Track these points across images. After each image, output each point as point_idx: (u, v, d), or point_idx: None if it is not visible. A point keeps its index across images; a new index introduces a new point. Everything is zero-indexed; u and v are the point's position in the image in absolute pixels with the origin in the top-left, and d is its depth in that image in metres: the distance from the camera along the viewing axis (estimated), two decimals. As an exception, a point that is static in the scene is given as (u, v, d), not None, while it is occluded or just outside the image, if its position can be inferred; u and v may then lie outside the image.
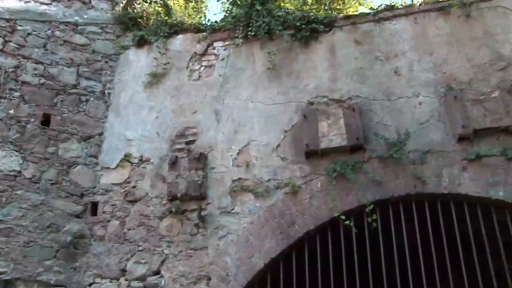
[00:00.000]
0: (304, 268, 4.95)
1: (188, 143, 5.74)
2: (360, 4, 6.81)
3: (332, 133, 5.21)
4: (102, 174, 5.81)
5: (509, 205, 4.80)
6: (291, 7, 6.54)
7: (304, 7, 6.67)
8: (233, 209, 5.28)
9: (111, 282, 5.25)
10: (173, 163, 5.55)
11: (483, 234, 4.77)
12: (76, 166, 5.71)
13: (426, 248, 4.89)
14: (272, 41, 6.07)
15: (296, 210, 5.09)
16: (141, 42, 6.59)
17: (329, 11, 6.81)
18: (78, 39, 6.40)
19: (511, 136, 4.97)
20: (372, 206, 4.92)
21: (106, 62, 6.48)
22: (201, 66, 6.23)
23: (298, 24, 6.00)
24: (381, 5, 6.10)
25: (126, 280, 5.23)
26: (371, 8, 6.20)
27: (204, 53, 6.31)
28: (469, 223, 4.81)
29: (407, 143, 5.14)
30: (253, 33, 6.09)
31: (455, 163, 4.99)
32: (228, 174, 5.45)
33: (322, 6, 7.06)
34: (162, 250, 5.26)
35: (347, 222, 4.87)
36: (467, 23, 5.71)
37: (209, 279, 5.01)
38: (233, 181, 5.40)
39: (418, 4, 6.19)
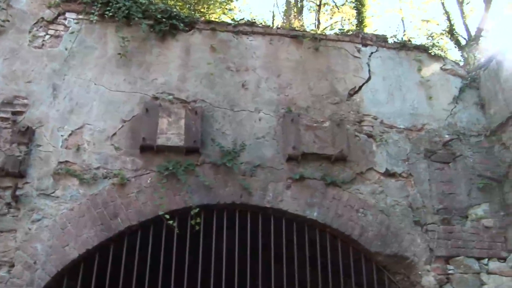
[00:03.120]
0: (121, 262, 4.82)
1: (15, 113, 5.18)
2: (223, 13, 6.95)
3: (170, 131, 5.19)
4: None
5: (320, 224, 5.30)
6: (156, -3, 6.41)
7: (168, 1, 6.57)
8: (53, 192, 4.90)
9: None
10: (-7, 133, 4.99)
11: (295, 248, 5.19)
12: None
13: (243, 255, 5.15)
14: (129, 27, 5.84)
15: (121, 203, 4.94)
16: (-23, -10, 5.82)
17: (192, 12, 6.82)
18: None
19: (332, 164, 5.52)
20: (197, 209, 5.01)
21: None
22: (47, 34, 5.69)
23: (159, 16, 5.89)
24: (242, 19, 6.34)
25: None
26: (233, 20, 6.41)
27: (52, 21, 5.77)
28: (284, 237, 5.18)
29: (241, 154, 5.36)
30: (110, 14, 5.79)
31: (281, 180, 5.35)
32: (54, 154, 5.06)
33: (187, 5, 7.05)
34: (-41, 231, 4.65)
35: (171, 221, 4.87)
36: (314, 55, 6.21)
37: (13, 265, 4.56)
38: (59, 163, 5.03)
39: (276, 27, 6.57)
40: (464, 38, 14.19)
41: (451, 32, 13.62)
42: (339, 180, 5.44)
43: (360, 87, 6.10)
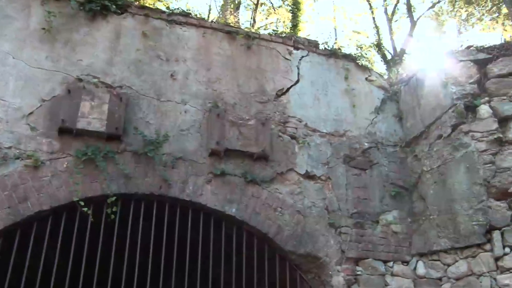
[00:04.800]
0: (27, 250, 4.57)
1: None
2: (159, 0, 6.78)
3: (92, 115, 4.99)
4: None
5: (238, 221, 5.34)
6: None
7: (103, -20, 6.27)
8: (-45, 170, 4.55)
9: None
10: None
11: (211, 243, 5.18)
12: None
13: (158, 248, 5.07)
14: (56, 1, 5.55)
15: (32, 186, 4.67)
16: None
17: (127, -5, 6.58)
18: None
19: (254, 162, 5.58)
20: (114, 198, 4.88)
21: None
22: (-39, -2, 5.27)
23: (91, -6, 5.64)
24: (178, 8, 6.21)
25: None
26: (168, 8, 6.27)
27: (-34, -17, 5.35)
28: (201, 232, 5.16)
29: (164, 145, 5.28)
30: (37, -15, 5.47)
31: (202, 174, 5.32)
32: (-40, 130, 4.70)
33: (122, -13, 6.76)
34: None
35: (86, 209, 4.70)
36: (246, 53, 6.24)
37: None
38: (-35, 139, 4.68)
39: (211, 21, 6.53)
40: (390, 53, 14.93)
41: (378, 45, 14.26)
42: (259, 178, 5.51)
43: (288, 89, 6.22)
